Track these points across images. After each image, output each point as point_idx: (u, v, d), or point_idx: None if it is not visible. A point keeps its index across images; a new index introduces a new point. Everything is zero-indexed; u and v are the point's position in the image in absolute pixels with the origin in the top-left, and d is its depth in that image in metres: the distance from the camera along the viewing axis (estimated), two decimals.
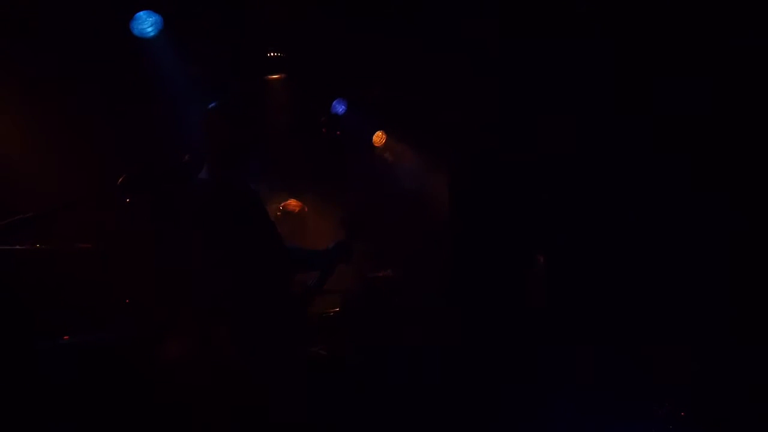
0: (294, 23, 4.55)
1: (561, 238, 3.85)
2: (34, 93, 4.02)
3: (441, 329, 4.54)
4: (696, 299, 3.88)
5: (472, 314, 3.69)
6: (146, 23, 4.15)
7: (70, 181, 3.61)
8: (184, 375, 3.10)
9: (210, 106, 2.70)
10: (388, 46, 4.79)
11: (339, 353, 3.72)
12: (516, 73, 4.65)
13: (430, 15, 4.56)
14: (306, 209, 4.73)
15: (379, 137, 5.86)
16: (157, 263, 3.50)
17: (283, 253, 2.73)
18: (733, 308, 3.75)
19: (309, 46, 4.79)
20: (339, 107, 5.26)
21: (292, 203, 4.63)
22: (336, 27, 4.58)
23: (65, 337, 3.37)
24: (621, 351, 3.90)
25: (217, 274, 2.54)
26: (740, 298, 3.77)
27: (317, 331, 2.95)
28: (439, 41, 4.72)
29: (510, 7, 4.35)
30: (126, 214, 3.11)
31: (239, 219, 2.57)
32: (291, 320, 2.70)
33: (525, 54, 4.55)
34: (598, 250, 4.13)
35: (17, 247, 3.31)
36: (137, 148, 4.08)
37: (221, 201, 2.57)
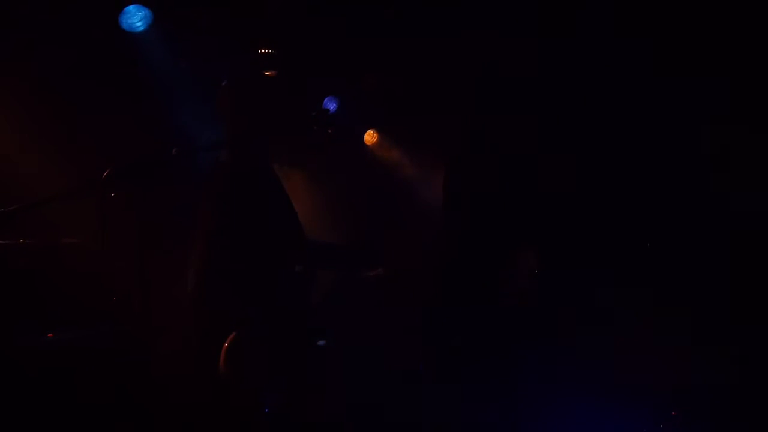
0: (286, 18, 4.53)
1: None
2: (18, 86, 3.98)
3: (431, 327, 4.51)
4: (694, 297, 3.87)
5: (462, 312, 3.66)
6: (135, 17, 4.14)
7: (55, 175, 3.57)
8: (174, 374, 3.06)
9: (223, 82, 2.67)
10: (383, 43, 4.78)
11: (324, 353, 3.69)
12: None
13: (427, 14, 4.55)
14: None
15: (370, 135, 5.84)
16: (145, 258, 3.44)
17: (298, 242, 2.66)
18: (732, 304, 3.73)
19: (301, 42, 4.76)
20: (330, 105, 5.24)
21: None
22: (329, 22, 4.56)
23: (49, 335, 3.33)
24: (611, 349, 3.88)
25: (215, 268, 2.48)
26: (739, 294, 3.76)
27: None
28: (436, 40, 4.70)
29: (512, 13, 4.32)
30: (111, 208, 3.07)
31: (245, 208, 2.51)
32: (297, 319, 2.63)
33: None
34: (593, 249, 4.11)
35: (1, 241, 3.28)
36: (125, 142, 4.04)
37: (223, 189, 2.51)
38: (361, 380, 4.13)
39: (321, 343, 2.98)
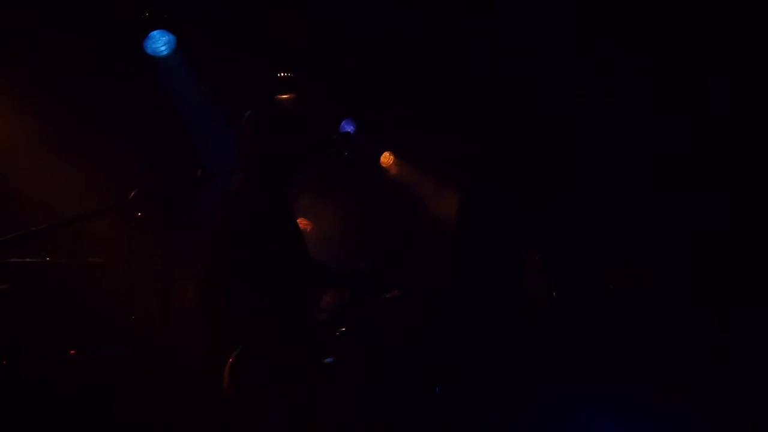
0: (305, 43, 4.62)
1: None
2: (47, 107, 4.08)
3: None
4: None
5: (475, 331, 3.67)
6: (159, 42, 4.24)
7: (82, 196, 3.64)
8: (193, 390, 3.10)
9: (248, 112, 2.74)
10: (399, 67, 4.85)
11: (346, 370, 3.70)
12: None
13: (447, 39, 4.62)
14: (314, 229, 4.71)
15: (386, 158, 5.89)
16: (168, 278, 3.49)
17: (306, 266, 2.69)
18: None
19: (319, 65, 4.85)
20: (347, 127, 5.30)
21: (301, 223, 4.62)
22: (347, 46, 4.64)
23: (72, 352, 3.37)
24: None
25: (231, 288, 2.52)
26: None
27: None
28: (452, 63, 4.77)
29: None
30: (137, 228, 3.13)
31: (255, 229, 2.55)
32: (307, 336, 2.66)
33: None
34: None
35: (28, 259, 3.34)
36: (150, 164, 4.13)
37: (235, 210, 2.56)
38: (374, 402, 4.15)
39: (328, 360, 3.00)
